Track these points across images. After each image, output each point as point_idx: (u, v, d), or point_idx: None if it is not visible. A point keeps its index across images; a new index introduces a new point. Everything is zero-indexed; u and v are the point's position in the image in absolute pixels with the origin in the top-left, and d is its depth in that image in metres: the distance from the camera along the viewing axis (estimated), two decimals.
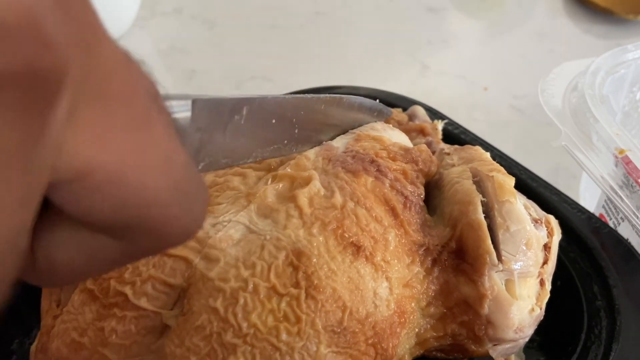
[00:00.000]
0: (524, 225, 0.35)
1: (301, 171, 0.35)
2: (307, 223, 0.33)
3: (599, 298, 0.40)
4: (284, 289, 0.30)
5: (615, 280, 0.40)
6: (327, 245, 0.32)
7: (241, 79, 0.75)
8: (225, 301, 0.30)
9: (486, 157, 0.41)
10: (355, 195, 0.34)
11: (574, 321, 0.40)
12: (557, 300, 0.38)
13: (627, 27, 0.83)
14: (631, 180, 0.43)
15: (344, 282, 0.31)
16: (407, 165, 0.38)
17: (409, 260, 0.34)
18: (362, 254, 0.32)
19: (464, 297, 0.34)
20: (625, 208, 0.44)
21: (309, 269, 0.31)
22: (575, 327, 0.39)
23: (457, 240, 0.35)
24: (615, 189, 0.45)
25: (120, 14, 0.77)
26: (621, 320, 0.38)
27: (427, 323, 0.35)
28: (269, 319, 0.30)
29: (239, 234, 0.32)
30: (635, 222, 0.43)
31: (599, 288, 0.41)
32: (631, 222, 0.44)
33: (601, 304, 0.40)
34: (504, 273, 0.34)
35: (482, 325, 0.34)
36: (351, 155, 0.37)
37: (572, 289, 0.41)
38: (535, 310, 0.35)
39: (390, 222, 0.34)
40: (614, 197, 0.44)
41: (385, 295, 0.33)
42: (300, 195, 0.33)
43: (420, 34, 0.84)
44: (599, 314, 0.39)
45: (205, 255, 0.32)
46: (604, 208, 0.51)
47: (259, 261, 0.31)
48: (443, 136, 0.50)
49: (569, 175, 0.62)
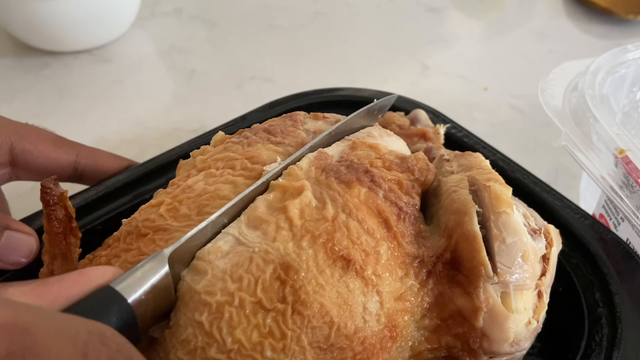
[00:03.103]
0: (520, 237, 0.34)
1: (294, 181, 0.35)
2: (297, 235, 0.32)
3: (600, 305, 0.40)
4: (270, 303, 0.30)
5: (617, 288, 0.40)
6: (316, 258, 0.31)
7: (241, 79, 0.75)
8: (210, 315, 0.29)
9: (485, 165, 0.40)
10: (348, 206, 0.34)
11: (575, 328, 0.39)
12: (558, 307, 0.38)
13: (627, 27, 0.83)
14: (631, 180, 0.43)
15: (332, 297, 0.31)
16: (403, 175, 0.37)
17: (401, 273, 0.34)
18: (352, 267, 0.32)
19: (459, 309, 0.34)
20: (625, 208, 0.44)
21: (297, 284, 0.30)
22: (576, 334, 0.39)
23: (452, 251, 0.35)
24: (615, 189, 0.45)
25: (120, 14, 0.77)
26: (622, 328, 0.38)
27: (421, 335, 0.34)
28: (254, 335, 0.29)
29: (228, 246, 0.32)
30: (635, 222, 0.43)
31: (600, 295, 0.40)
32: (631, 222, 0.44)
33: (603, 311, 0.39)
34: (499, 285, 0.34)
35: (477, 338, 0.34)
36: (345, 165, 0.36)
37: (574, 295, 0.41)
38: (532, 323, 0.35)
39: (382, 235, 0.34)
40: (614, 197, 0.44)
41: (376, 309, 0.32)
42: (291, 207, 0.33)
43: (420, 34, 0.84)
44: (600, 321, 0.39)
45: (193, 267, 0.31)
46: (604, 208, 0.51)
47: (246, 274, 0.30)
48: (446, 139, 0.50)
49: (569, 175, 0.62)
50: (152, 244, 0.33)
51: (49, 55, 0.77)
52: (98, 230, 0.44)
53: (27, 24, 0.71)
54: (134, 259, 0.32)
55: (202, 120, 0.69)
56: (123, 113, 0.70)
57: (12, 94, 0.72)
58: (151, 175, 0.48)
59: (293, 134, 0.40)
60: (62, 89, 0.73)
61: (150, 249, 0.32)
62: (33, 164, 0.43)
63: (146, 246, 0.33)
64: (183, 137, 0.53)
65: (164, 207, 0.35)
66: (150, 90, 0.74)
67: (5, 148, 0.42)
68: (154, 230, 0.34)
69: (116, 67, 0.77)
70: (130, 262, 0.32)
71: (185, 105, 0.72)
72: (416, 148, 0.47)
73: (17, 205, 0.49)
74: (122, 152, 0.51)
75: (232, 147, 0.39)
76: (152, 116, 0.70)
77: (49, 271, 0.35)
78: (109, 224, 0.42)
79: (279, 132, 0.40)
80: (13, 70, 0.75)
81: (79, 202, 0.45)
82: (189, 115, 0.70)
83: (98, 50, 0.78)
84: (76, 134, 0.54)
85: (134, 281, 0.27)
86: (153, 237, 0.33)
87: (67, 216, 0.36)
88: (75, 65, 0.76)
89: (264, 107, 0.55)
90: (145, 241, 0.33)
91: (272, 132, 0.40)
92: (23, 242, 0.38)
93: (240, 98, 0.73)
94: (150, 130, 0.68)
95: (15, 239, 0.38)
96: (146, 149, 0.65)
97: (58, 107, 0.71)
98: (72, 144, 0.46)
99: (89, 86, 0.74)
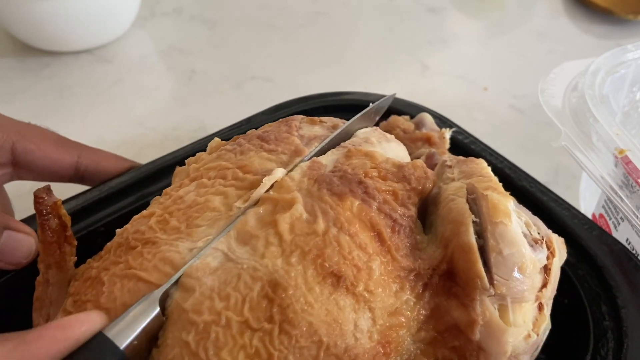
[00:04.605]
0: (518, 248, 0.33)
1: (285, 193, 0.34)
2: (286, 251, 0.31)
3: (606, 318, 0.39)
4: (257, 323, 0.29)
5: (625, 301, 0.39)
6: (305, 275, 0.31)
7: (241, 79, 0.75)
8: (197, 335, 0.29)
9: (486, 172, 0.39)
10: (339, 220, 0.33)
11: (581, 341, 0.38)
12: (563, 319, 0.37)
13: (627, 27, 0.83)
14: (631, 180, 0.43)
15: (322, 315, 0.30)
16: (398, 185, 0.36)
17: (396, 287, 0.33)
18: (343, 284, 0.31)
19: (455, 321, 0.33)
20: (625, 208, 0.44)
21: (285, 302, 0.30)
22: (582, 348, 0.38)
23: (448, 262, 0.33)
24: (615, 189, 0.45)
25: (120, 14, 0.77)
26: (629, 343, 0.37)
27: (417, 348, 0.33)
28: (240, 356, 0.29)
29: (217, 262, 0.31)
30: (635, 222, 0.43)
31: (607, 308, 0.39)
32: (631, 222, 0.44)
33: (609, 324, 0.38)
34: (496, 298, 0.32)
35: (474, 352, 0.32)
36: (338, 176, 0.35)
37: (580, 308, 0.40)
38: (532, 336, 0.33)
39: (375, 249, 0.33)
40: (614, 197, 0.44)
41: (367, 326, 0.31)
42: (281, 221, 0.32)
43: (420, 34, 0.84)
44: (606, 335, 0.38)
45: (182, 284, 0.31)
46: (603, 208, 0.51)
47: (233, 292, 0.30)
48: (452, 145, 0.49)
49: (568, 175, 0.62)
50: (140, 257, 0.32)
51: (49, 55, 0.77)
52: (101, 232, 0.44)
53: (27, 24, 0.71)
54: (122, 273, 0.32)
55: (202, 120, 0.69)
56: (123, 113, 0.70)
57: (12, 94, 0.72)
58: (154, 177, 0.48)
59: (287, 141, 0.39)
60: (62, 89, 0.73)
61: (137, 262, 0.32)
62: (34, 164, 0.43)
63: (134, 259, 0.32)
64: (183, 137, 0.53)
65: (154, 219, 0.35)
66: (150, 90, 0.74)
67: (7, 148, 0.42)
68: (143, 243, 0.33)
69: (116, 67, 0.77)
70: (118, 276, 0.32)
71: (185, 105, 0.72)
72: (420, 153, 0.46)
73: (17, 205, 0.49)
74: (122, 151, 0.51)
75: (225, 155, 0.39)
76: (152, 116, 0.70)
77: (45, 280, 0.35)
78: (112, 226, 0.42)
79: (273, 139, 0.39)
80: (13, 71, 0.75)
81: (82, 204, 0.45)
82: (189, 115, 0.70)
83: (98, 50, 0.78)
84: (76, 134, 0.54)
85: (125, 326, 0.28)
86: (142, 250, 0.33)
87: (61, 225, 0.35)
88: (76, 65, 0.76)
89: (270, 110, 0.55)
90: (133, 254, 0.33)
91: (266, 139, 0.39)
92: (23, 242, 0.38)
93: (240, 98, 0.73)
94: (150, 130, 0.68)
95: (15, 239, 0.38)
96: (146, 149, 0.65)
97: (58, 107, 0.71)
98: (74, 144, 0.46)
99: (89, 86, 0.74)
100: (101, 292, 0.31)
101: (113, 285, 0.31)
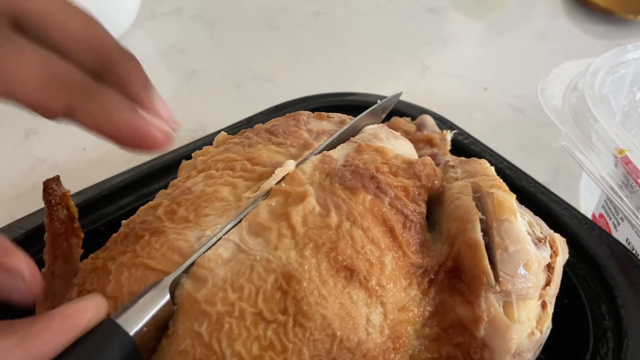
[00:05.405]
0: (523, 246, 0.33)
1: (296, 186, 0.34)
2: (300, 244, 0.31)
3: (606, 318, 0.39)
4: (272, 315, 0.29)
5: (624, 301, 0.39)
6: (319, 268, 0.31)
7: (241, 79, 0.75)
8: (210, 326, 0.29)
9: (490, 172, 0.39)
10: (352, 214, 0.33)
11: (581, 341, 0.39)
12: (563, 319, 0.37)
13: (627, 27, 0.83)
14: (631, 180, 0.43)
15: (335, 309, 0.30)
16: (409, 181, 0.36)
17: (406, 283, 0.33)
18: (356, 278, 0.31)
19: (460, 318, 0.33)
20: (625, 208, 0.44)
21: (299, 294, 0.30)
22: (582, 347, 0.38)
23: (454, 259, 0.34)
24: (615, 189, 0.45)
25: (120, 14, 0.77)
26: (628, 342, 0.37)
27: (421, 344, 0.33)
28: (254, 347, 0.29)
29: (229, 253, 0.31)
30: (635, 222, 0.43)
31: (607, 308, 0.39)
32: (631, 222, 0.44)
33: (609, 324, 0.39)
34: (501, 295, 0.33)
35: (478, 348, 0.33)
36: (350, 170, 0.35)
37: (580, 308, 0.40)
38: (536, 334, 0.34)
39: (387, 244, 0.33)
40: (614, 197, 0.44)
41: (379, 321, 0.31)
42: (293, 213, 0.32)
43: (420, 34, 0.84)
44: (605, 334, 0.38)
45: (193, 274, 0.30)
46: (603, 208, 0.51)
47: (247, 284, 0.30)
48: (452, 146, 0.49)
49: (568, 175, 0.62)
50: (148, 246, 0.32)
51: None
52: (101, 231, 0.44)
53: None
54: (129, 262, 0.32)
55: (202, 120, 0.69)
56: None
57: None
58: (154, 176, 0.48)
59: (295, 134, 0.39)
60: None
61: (145, 251, 0.32)
62: None
63: (142, 248, 0.32)
64: (183, 137, 0.53)
65: (161, 208, 0.34)
66: None
67: None
68: (151, 232, 0.33)
69: None
70: (125, 265, 0.32)
71: (185, 105, 0.72)
72: (422, 154, 0.46)
73: (18, 205, 0.49)
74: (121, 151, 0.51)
75: (233, 147, 0.39)
76: None
77: (50, 272, 0.35)
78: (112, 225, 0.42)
79: (281, 132, 0.39)
80: None
81: (82, 203, 0.45)
82: (189, 115, 0.70)
83: None
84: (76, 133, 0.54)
85: (135, 312, 0.27)
86: (149, 239, 0.33)
87: (69, 217, 0.35)
88: None
89: (270, 110, 0.55)
90: (141, 243, 0.32)
91: (274, 132, 0.39)
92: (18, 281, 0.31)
93: (240, 98, 0.73)
94: None
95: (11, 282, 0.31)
96: None
97: None
98: None
99: None
100: (107, 281, 0.31)
101: (120, 274, 0.31)
